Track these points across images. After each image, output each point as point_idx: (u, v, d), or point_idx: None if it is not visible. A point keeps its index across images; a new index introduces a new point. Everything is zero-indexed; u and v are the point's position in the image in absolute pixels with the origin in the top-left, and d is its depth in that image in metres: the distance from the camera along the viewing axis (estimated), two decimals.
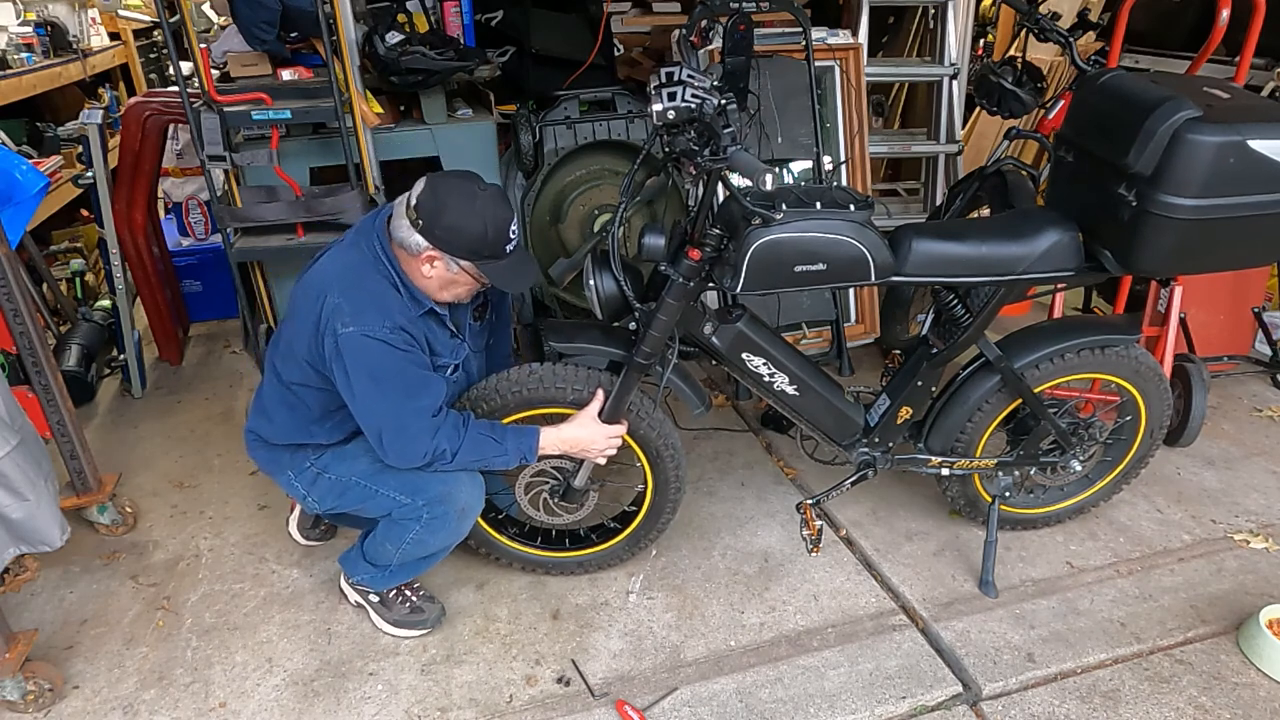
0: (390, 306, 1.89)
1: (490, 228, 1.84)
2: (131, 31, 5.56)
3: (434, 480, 2.01)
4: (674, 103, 1.72)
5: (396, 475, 2.03)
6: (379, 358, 1.86)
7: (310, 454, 2.12)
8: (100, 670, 2.15)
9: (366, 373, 1.87)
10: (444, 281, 1.92)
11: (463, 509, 2.05)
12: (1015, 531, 2.56)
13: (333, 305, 1.86)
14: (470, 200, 1.84)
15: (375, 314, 1.86)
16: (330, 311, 1.86)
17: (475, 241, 1.85)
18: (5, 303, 2.26)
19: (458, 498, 2.03)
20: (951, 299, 2.22)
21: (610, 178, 3.43)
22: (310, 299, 1.91)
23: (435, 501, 2.02)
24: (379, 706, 2.04)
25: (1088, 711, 2.01)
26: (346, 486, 2.10)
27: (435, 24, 3.23)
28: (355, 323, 1.85)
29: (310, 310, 1.90)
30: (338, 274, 1.92)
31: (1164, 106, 1.84)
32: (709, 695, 2.06)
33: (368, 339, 1.85)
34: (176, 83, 2.64)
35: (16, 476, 1.96)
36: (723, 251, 1.93)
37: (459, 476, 2.02)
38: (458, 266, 1.89)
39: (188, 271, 3.93)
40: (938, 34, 3.63)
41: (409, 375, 1.91)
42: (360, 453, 2.08)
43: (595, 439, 2.07)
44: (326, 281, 1.91)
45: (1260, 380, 3.40)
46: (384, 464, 2.01)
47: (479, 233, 1.84)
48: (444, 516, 2.04)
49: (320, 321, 1.88)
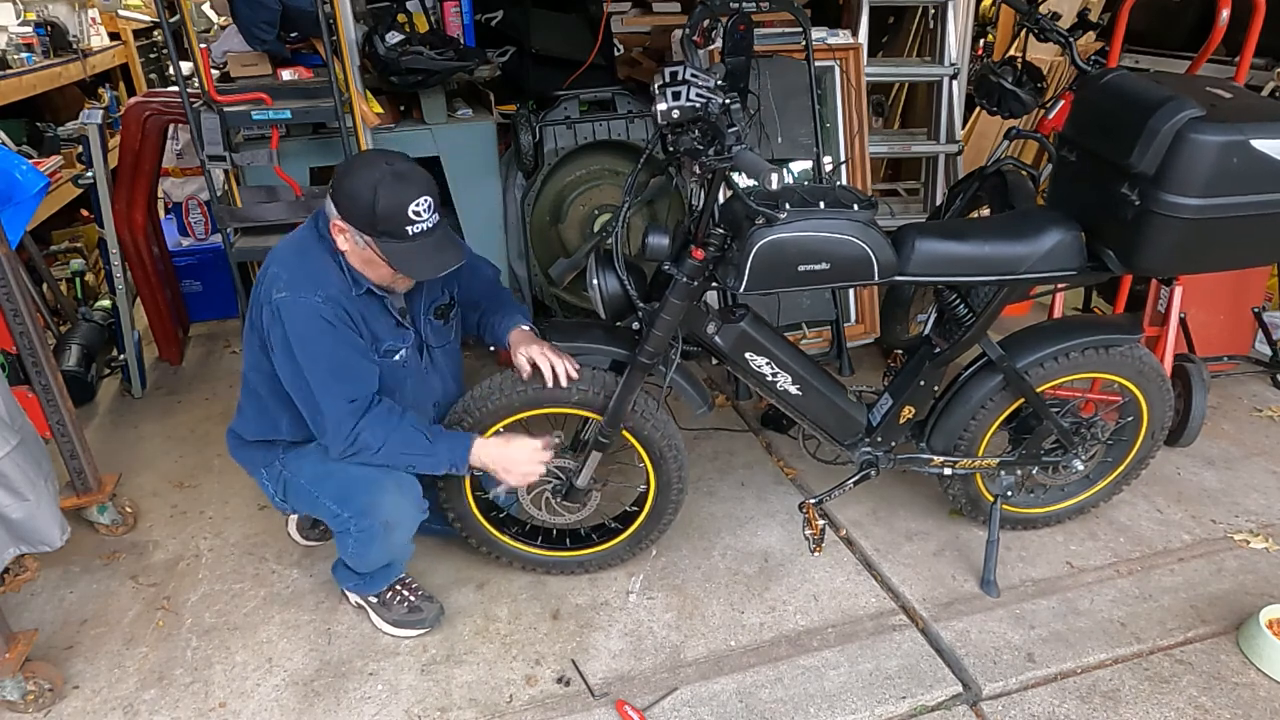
0: (327, 279, 1.89)
1: (381, 201, 1.77)
2: (131, 31, 5.56)
3: (360, 491, 2.00)
4: (679, 102, 1.71)
5: (332, 483, 2.03)
6: (306, 324, 1.85)
7: (279, 451, 2.12)
8: (100, 670, 2.14)
9: (295, 339, 1.86)
10: (362, 259, 1.89)
11: (386, 522, 2.01)
12: (1015, 531, 2.56)
13: (273, 275, 1.88)
14: (371, 170, 1.80)
15: (309, 283, 1.87)
16: (270, 281, 1.88)
17: (366, 213, 1.79)
18: (5, 303, 2.26)
19: (381, 510, 2.00)
20: (954, 298, 2.22)
21: (610, 178, 3.43)
22: (259, 275, 1.94)
23: (360, 514, 2.01)
24: (379, 706, 2.04)
25: (1088, 711, 2.01)
26: (298, 489, 2.11)
27: (435, 24, 3.23)
28: (289, 289, 1.86)
29: (257, 285, 1.92)
30: (283, 247, 1.95)
31: (1167, 106, 1.84)
32: (709, 695, 2.06)
33: (298, 303, 1.85)
34: (176, 83, 2.64)
35: (16, 476, 1.96)
36: (726, 251, 1.93)
37: (385, 487, 1.99)
38: (363, 241, 1.85)
39: (188, 271, 3.92)
40: (938, 34, 3.63)
41: (337, 355, 1.89)
42: (310, 454, 2.08)
43: (521, 461, 2.01)
44: (273, 255, 1.94)
45: (1260, 380, 3.40)
46: (326, 469, 2.01)
47: (368, 204, 1.78)
48: (369, 530, 2.02)
49: (261, 293, 1.89)
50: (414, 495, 2.05)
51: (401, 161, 1.85)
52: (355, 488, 2.01)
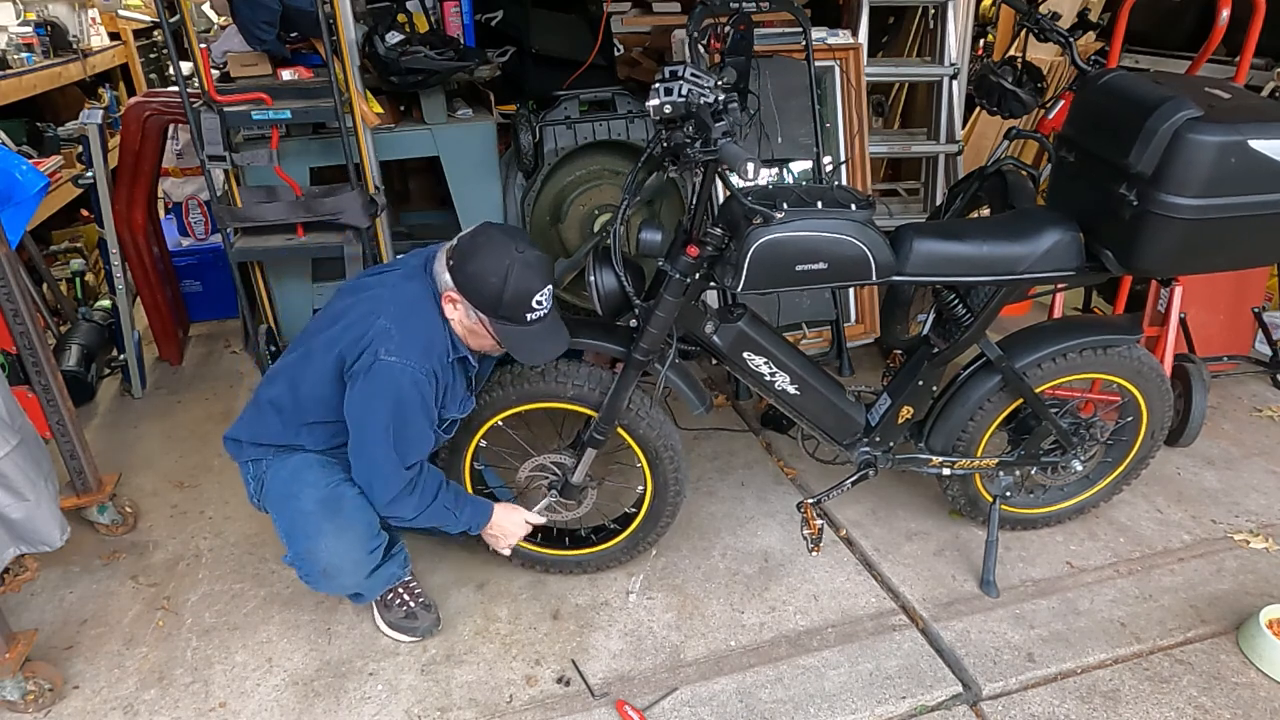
0: (434, 345, 1.90)
1: (510, 289, 1.82)
2: (131, 31, 5.56)
3: (300, 535, 2.01)
4: (670, 98, 1.73)
5: (287, 510, 2.03)
6: (406, 392, 1.86)
7: (269, 452, 2.10)
8: (100, 670, 2.14)
9: (387, 402, 1.86)
10: (466, 328, 1.93)
11: (325, 569, 2.01)
12: (1015, 531, 2.56)
13: (382, 329, 1.87)
14: (502, 256, 1.83)
15: (419, 352, 1.87)
16: (378, 334, 1.86)
17: (491, 298, 1.84)
18: (5, 303, 2.26)
19: (317, 558, 2.00)
20: (952, 299, 2.22)
21: (610, 178, 3.43)
22: (361, 313, 1.91)
23: (299, 557, 2.02)
24: (379, 706, 2.04)
25: (1088, 711, 2.01)
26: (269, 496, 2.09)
27: (435, 24, 3.23)
28: (399, 354, 1.85)
29: (359, 323, 1.90)
30: (394, 300, 1.92)
31: (1165, 106, 1.84)
32: (709, 695, 2.06)
33: (405, 371, 1.85)
34: (176, 83, 2.64)
35: (16, 476, 1.96)
36: (724, 250, 1.93)
37: (323, 533, 1.98)
38: (475, 316, 1.88)
39: (188, 271, 3.92)
40: (938, 34, 3.63)
41: (417, 425, 1.91)
42: (288, 466, 2.06)
43: (510, 532, 2.19)
44: (381, 302, 1.91)
45: (1260, 380, 3.40)
46: (288, 492, 2.02)
47: (496, 289, 1.83)
48: (311, 574, 2.03)
49: (367, 340, 1.87)
50: (358, 540, 2.02)
51: (530, 249, 1.87)
52: (299, 529, 2.01)
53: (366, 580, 2.08)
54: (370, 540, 2.03)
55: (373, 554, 2.05)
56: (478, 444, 2.24)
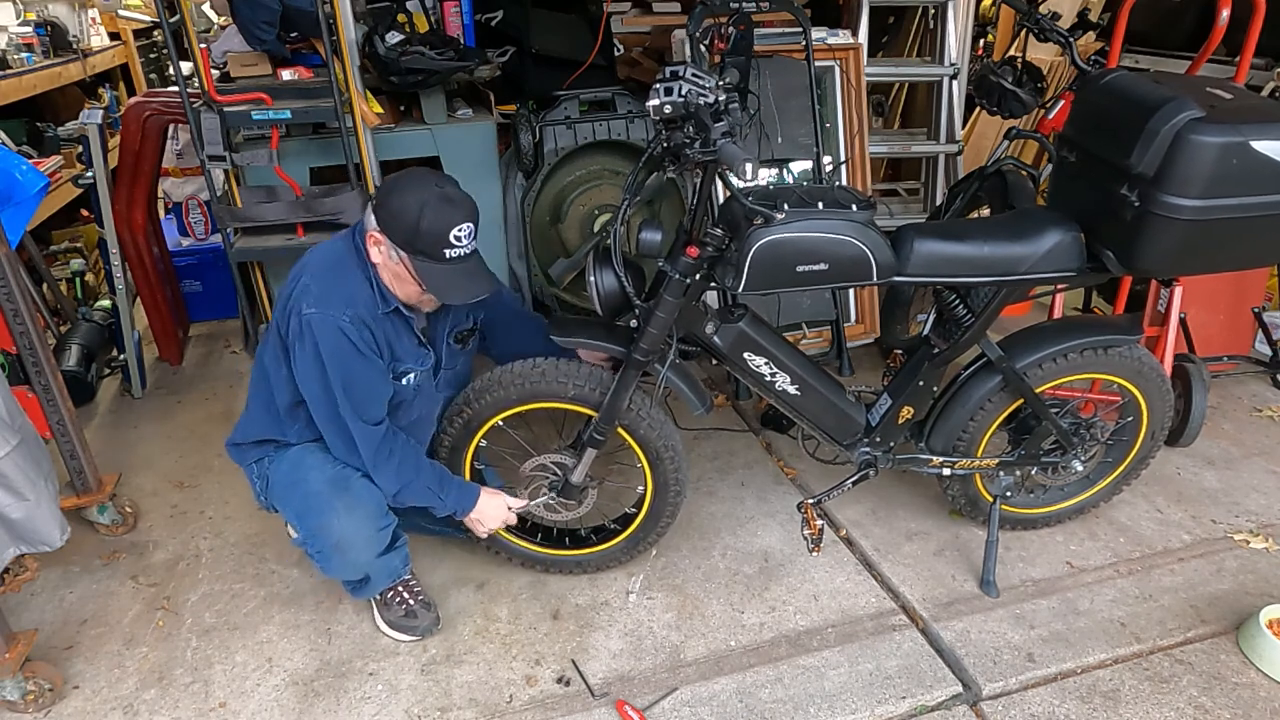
0: (356, 296, 1.90)
1: (426, 220, 1.80)
2: (131, 31, 5.56)
3: (312, 512, 2.02)
4: (669, 98, 1.73)
5: (296, 495, 2.05)
6: (333, 346, 1.87)
7: (269, 450, 2.13)
8: (100, 670, 2.14)
9: (318, 357, 1.88)
10: (391, 273, 1.91)
11: (337, 543, 2.02)
12: (1015, 531, 2.56)
13: (303, 285, 1.90)
14: (420, 190, 1.83)
15: (339, 300, 1.88)
16: (300, 291, 1.90)
17: (408, 230, 1.82)
18: (5, 303, 2.26)
19: (330, 533, 2.01)
20: (953, 299, 2.22)
21: (610, 178, 3.43)
22: (289, 280, 1.95)
23: (312, 534, 2.04)
24: (379, 706, 2.04)
25: (1088, 711, 2.01)
26: (274, 490, 2.12)
27: (435, 24, 3.23)
28: (318, 305, 1.87)
29: (286, 289, 1.95)
30: (316, 258, 1.97)
31: (1167, 107, 1.83)
32: (709, 695, 2.06)
33: (326, 321, 1.86)
34: (176, 83, 2.64)
35: (16, 476, 1.96)
36: (724, 251, 1.93)
37: (335, 510, 2.00)
38: (396, 256, 1.87)
39: (188, 271, 3.93)
40: (938, 34, 3.63)
41: (355, 378, 1.91)
42: (289, 458, 2.09)
43: (491, 516, 2.18)
44: (305, 263, 1.96)
45: (1260, 380, 3.40)
46: (294, 478, 2.04)
47: (412, 221, 1.81)
48: (324, 550, 2.04)
49: (290, 300, 1.91)
50: (368, 517, 2.04)
51: (451, 185, 1.87)
52: (309, 507, 2.03)
53: (376, 560, 2.10)
54: (380, 518, 2.06)
55: (382, 532, 2.08)
56: (478, 444, 2.24)
